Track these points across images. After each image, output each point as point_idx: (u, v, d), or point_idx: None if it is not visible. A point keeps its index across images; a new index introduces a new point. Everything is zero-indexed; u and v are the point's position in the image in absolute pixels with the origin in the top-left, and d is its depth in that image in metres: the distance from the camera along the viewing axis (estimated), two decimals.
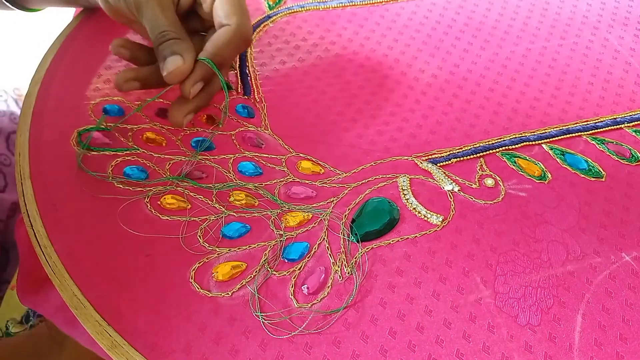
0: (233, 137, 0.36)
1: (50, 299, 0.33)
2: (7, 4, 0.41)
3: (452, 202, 0.34)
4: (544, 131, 0.39)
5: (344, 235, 0.31)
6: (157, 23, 0.33)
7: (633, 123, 0.40)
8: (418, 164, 0.36)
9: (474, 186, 0.35)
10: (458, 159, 0.36)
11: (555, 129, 0.39)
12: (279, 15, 0.46)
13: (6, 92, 0.57)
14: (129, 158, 0.33)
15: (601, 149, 0.38)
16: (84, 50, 0.40)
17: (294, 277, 0.29)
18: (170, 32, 0.33)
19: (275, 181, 0.34)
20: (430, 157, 0.36)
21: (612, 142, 0.39)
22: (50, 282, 0.28)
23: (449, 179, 0.35)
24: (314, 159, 0.35)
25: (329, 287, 0.29)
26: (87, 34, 0.41)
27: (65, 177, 0.32)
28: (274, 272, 0.29)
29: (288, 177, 0.34)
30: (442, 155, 0.37)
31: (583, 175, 0.36)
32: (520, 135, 0.38)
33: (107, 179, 0.32)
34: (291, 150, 0.36)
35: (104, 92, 0.37)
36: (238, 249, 0.30)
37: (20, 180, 0.32)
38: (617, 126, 0.40)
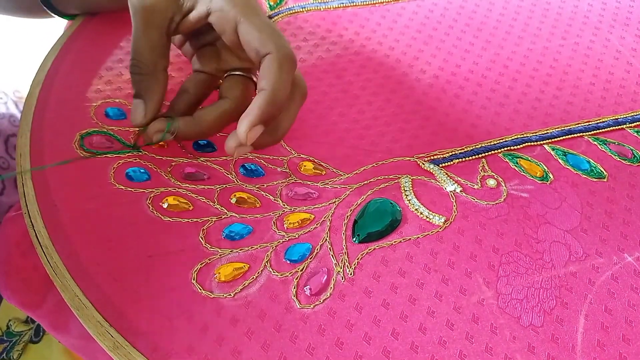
0: None
1: (38, 300, 0.33)
2: (47, 10, 0.40)
3: (454, 203, 0.34)
4: (545, 132, 0.39)
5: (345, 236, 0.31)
6: (134, 45, 0.29)
7: (635, 123, 0.40)
8: (420, 164, 0.36)
9: (476, 187, 0.35)
10: (460, 159, 0.36)
11: (557, 130, 0.39)
12: (280, 15, 0.46)
13: (6, 94, 0.57)
14: (130, 160, 0.33)
15: (603, 149, 0.38)
16: (84, 52, 0.40)
17: (296, 279, 0.29)
18: (140, 65, 0.29)
19: (277, 182, 0.34)
20: (432, 157, 0.36)
21: (614, 143, 0.39)
22: (36, 284, 0.28)
23: (451, 180, 0.35)
24: (315, 160, 0.35)
25: (331, 288, 0.29)
26: (88, 35, 0.41)
27: (66, 178, 0.32)
28: (276, 273, 0.29)
29: (290, 179, 0.34)
30: (444, 156, 0.36)
31: (585, 176, 0.36)
32: (522, 136, 0.38)
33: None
34: (293, 151, 0.36)
35: (105, 94, 0.37)
36: (240, 250, 0.30)
37: (22, 181, 0.32)
38: (619, 126, 0.40)
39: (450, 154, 0.37)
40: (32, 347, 0.47)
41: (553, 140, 0.38)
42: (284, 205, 0.33)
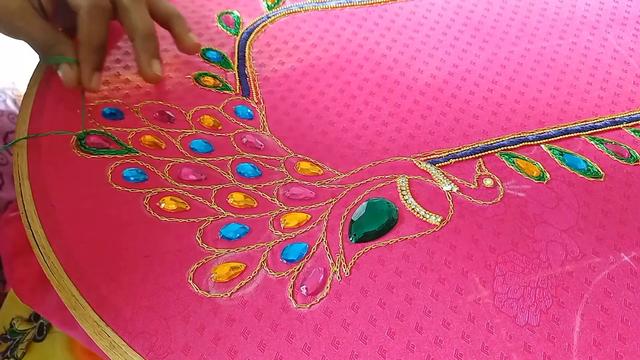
0: (232, 139, 0.36)
1: (47, 298, 0.33)
2: None
3: (451, 203, 0.34)
4: (542, 131, 0.39)
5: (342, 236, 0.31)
6: (29, 36, 0.34)
7: (632, 123, 0.40)
8: (417, 164, 0.36)
9: (472, 186, 0.35)
10: (457, 159, 0.36)
11: (554, 129, 0.39)
12: (277, 15, 0.46)
13: (4, 92, 0.57)
14: (128, 161, 0.33)
15: (600, 149, 0.38)
16: None
17: (292, 278, 0.29)
18: (45, 43, 0.34)
19: (274, 182, 0.34)
20: (429, 157, 0.36)
21: (611, 142, 0.39)
22: (47, 282, 0.28)
23: (448, 180, 0.35)
24: (312, 160, 0.35)
25: (327, 287, 0.29)
26: None
27: (63, 178, 0.32)
28: (273, 273, 0.29)
29: (287, 178, 0.34)
30: (440, 155, 0.37)
31: (582, 176, 0.36)
32: (519, 136, 0.38)
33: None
34: (290, 151, 0.36)
35: (102, 94, 0.37)
36: (237, 249, 0.30)
37: (19, 181, 0.32)
38: (616, 126, 0.40)
39: (447, 153, 0.37)
40: (36, 346, 0.47)
41: (550, 139, 0.38)
42: (281, 205, 0.33)
